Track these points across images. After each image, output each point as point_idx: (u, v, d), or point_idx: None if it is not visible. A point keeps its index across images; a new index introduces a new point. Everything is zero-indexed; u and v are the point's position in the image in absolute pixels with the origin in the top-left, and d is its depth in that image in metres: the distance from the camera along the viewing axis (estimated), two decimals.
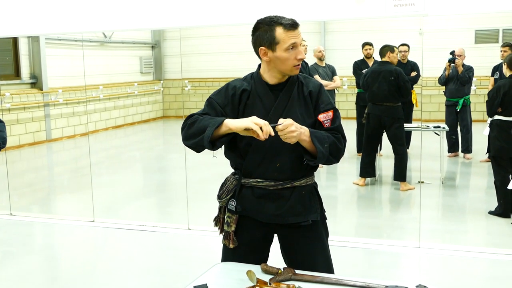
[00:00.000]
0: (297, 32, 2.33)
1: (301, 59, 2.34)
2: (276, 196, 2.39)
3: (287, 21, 2.32)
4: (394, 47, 6.96)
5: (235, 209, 2.44)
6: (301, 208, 2.41)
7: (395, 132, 6.77)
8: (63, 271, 4.57)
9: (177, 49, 14.38)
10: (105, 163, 9.27)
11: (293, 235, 2.44)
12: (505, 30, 12.37)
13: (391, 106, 6.74)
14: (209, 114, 2.43)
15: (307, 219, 2.42)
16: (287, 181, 2.38)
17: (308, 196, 2.44)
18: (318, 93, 2.43)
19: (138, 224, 5.46)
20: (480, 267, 4.35)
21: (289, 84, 2.41)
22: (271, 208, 2.39)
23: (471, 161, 8.30)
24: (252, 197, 2.41)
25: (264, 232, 2.46)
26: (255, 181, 2.40)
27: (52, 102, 11.36)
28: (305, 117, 2.38)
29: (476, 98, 11.00)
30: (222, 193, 2.50)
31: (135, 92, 14.04)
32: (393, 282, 2.04)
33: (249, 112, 2.37)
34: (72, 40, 11.63)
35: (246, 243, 2.46)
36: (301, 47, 2.37)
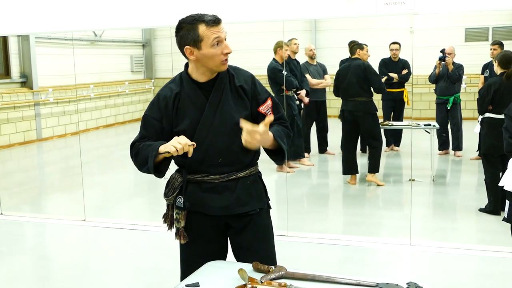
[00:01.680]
0: (220, 27, 2.33)
1: (227, 53, 2.35)
2: (222, 188, 2.43)
3: (209, 18, 2.33)
4: (363, 44, 7.01)
5: (183, 206, 2.46)
6: (247, 197, 2.45)
7: (368, 127, 6.80)
8: (54, 271, 4.55)
9: (168, 47, 14.33)
10: (96, 162, 9.24)
11: (242, 225, 2.48)
12: (495, 28, 12.42)
13: (363, 101, 6.76)
14: (147, 136, 2.45)
15: (255, 207, 2.48)
16: (232, 173, 2.43)
17: (254, 185, 2.49)
18: (252, 85, 2.46)
19: (130, 223, 5.45)
20: (470, 264, 4.37)
21: (219, 80, 2.42)
22: (218, 201, 2.43)
23: (461, 158, 8.34)
24: (198, 192, 2.44)
25: (214, 225, 2.48)
26: (200, 176, 2.43)
27: (43, 101, 11.31)
28: (241, 110, 2.41)
29: (466, 96, 11.04)
30: (168, 191, 2.51)
31: (126, 91, 14.00)
32: (384, 280, 2.05)
33: (182, 116, 2.40)
34: (62, 39, 11.58)
35: (199, 237, 2.49)
36: (226, 41, 2.36)
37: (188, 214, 2.48)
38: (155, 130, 2.44)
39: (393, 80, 8.60)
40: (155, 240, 5.11)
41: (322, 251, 4.64)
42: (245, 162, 2.45)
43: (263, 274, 2.14)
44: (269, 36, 9.62)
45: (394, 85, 8.65)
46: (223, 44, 2.34)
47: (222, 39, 2.33)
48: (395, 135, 8.80)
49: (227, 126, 2.38)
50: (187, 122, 2.39)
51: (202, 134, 2.37)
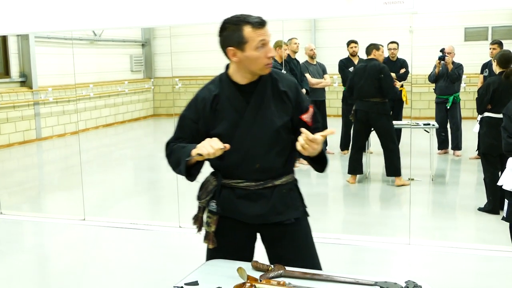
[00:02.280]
0: (266, 29, 2.28)
1: (271, 57, 2.29)
2: (257, 196, 2.36)
3: (254, 19, 2.27)
4: (379, 45, 6.99)
5: (216, 210, 2.40)
6: (283, 206, 2.38)
7: (383, 128, 6.81)
8: (53, 270, 4.55)
9: (168, 47, 14.32)
10: (95, 162, 9.24)
11: (277, 234, 2.41)
12: (494, 27, 12.43)
13: (378, 102, 6.76)
14: (182, 137, 2.41)
15: (290, 217, 2.40)
16: (268, 180, 2.36)
17: (289, 194, 2.42)
18: (296, 92, 2.40)
19: (129, 223, 5.45)
20: (469, 263, 4.38)
21: (262, 83, 2.36)
22: (253, 209, 2.36)
23: (460, 158, 8.35)
24: (233, 197, 2.38)
25: (246, 232, 2.44)
26: (235, 182, 2.37)
27: (42, 100, 11.31)
28: (282, 115, 2.34)
29: (465, 96, 11.05)
30: (201, 194, 2.46)
31: (126, 90, 14.00)
32: (383, 279, 2.06)
33: (220, 118, 2.34)
34: (61, 38, 11.57)
35: (228, 243, 2.42)
36: (270, 44, 2.31)
37: (220, 219, 2.41)
38: (190, 132, 2.40)
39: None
40: (154, 239, 5.11)
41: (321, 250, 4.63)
42: (282, 170, 2.38)
43: (262, 273, 2.14)
44: None
45: None
46: (267, 47, 2.27)
47: (267, 42, 2.27)
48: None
49: (267, 131, 2.31)
50: (225, 125, 2.33)
51: (241, 138, 2.31)
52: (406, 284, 2.01)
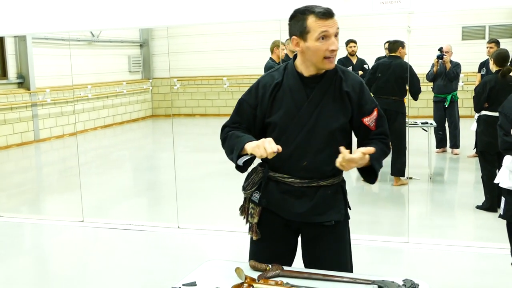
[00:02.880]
0: (331, 21, 2.19)
1: (333, 51, 2.20)
2: (300, 193, 2.32)
3: (319, 9, 2.19)
4: (404, 42, 6.95)
5: (258, 201, 2.39)
6: (325, 207, 2.33)
7: (398, 127, 6.74)
8: (52, 272, 4.55)
9: (166, 47, 14.34)
10: (94, 163, 9.24)
11: (316, 234, 2.38)
12: (492, 26, 12.44)
13: (396, 100, 6.74)
14: (239, 122, 2.40)
15: (330, 219, 2.35)
16: (313, 179, 2.31)
17: (334, 196, 2.36)
18: (360, 92, 2.31)
19: (128, 224, 5.45)
20: (467, 261, 4.39)
21: (326, 78, 2.29)
22: (294, 205, 2.33)
23: (459, 156, 8.36)
24: (276, 191, 2.35)
25: (287, 227, 2.40)
26: (281, 176, 2.34)
27: (40, 102, 11.30)
28: (340, 116, 2.28)
29: (463, 94, 11.06)
30: (247, 185, 2.43)
31: (124, 91, 13.99)
32: (381, 278, 2.06)
33: (278, 107, 2.30)
34: (59, 39, 11.56)
35: (270, 236, 2.41)
36: (335, 38, 2.21)
37: (263, 210, 2.39)
38: (247, 117, 2.37)
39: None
40: (153, 240, 5.11)
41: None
42: (331, 171, 2.30)
43: (260, 273, 2.15)
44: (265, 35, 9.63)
45: None
46: (330, 40, 2.19)
47: (330, 35, 2.19)
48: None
49: (321, 130, 2.25)
50: (281, 114, 2.30)
51: (294, 132, 2.27)
52: (404, 282, 2.01)
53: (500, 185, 3.29)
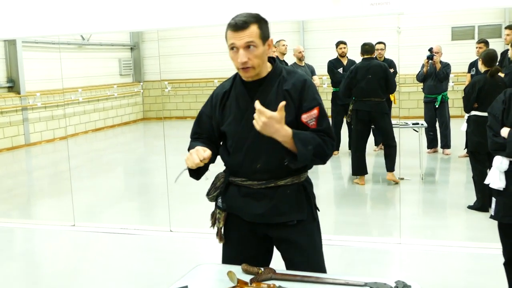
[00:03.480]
0: (240, 33, 2.21)
1: (243, 63, 2.21)
2: (260, 195, 2.34)
3: (232, 22, 2.25)
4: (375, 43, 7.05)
5: (222, 207, 2.44)
6: (286, 207, 2.34)
7: (385, 126, 6.83)
8: (44, 277, 4.53)
9: (156, 50, 14.33)
10: (85, 167, 9.20)
11: (282, 235, 2.39)
12: (481, 26, 12.52)
13: (379, 101, 6.79)
14: (199, 133, 2.47)
15: (292, 218, 2.35)
16: (271, 180, 2.32)
17: (295, 195, 2.36)
18: (301, 90, 2.29)
19: (120, 228, 5.43)
20: (459, 262, 4.40)
21: (267, 82, 2.32)
22: (255, 208, 2.35)
23: (450, 156, 8.39)
24: (237, 195, 2.39)
25: (252, 230, 2.41)
26: (240, 180, 2.37)
27: (30, 106, 11.25)
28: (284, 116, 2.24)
29: (453, 94, 11.12)
30: (210, 189, 2.48)
31: (115, 94, 13.96)
32: (374, 279, 2.06)
33: (227, 115, 2.36)
34: (49, 43, 11.52)
35: (235, 240, 2.44)
36: (244, 50, 2.21)
37: (229, 216, 2.44)
38: (207, 127, 2.44)
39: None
40: (145, 244, 5.10)
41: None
42: (286, 171, 2.29)
43: (252, 276, 2.14)
44: None
45: None
46: (238, 53, 2.22)
47: (238, 47, 2.22)
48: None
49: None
50: (230, 121, 2.35)
51: (243, 136, 2.30)
52: (396, 284, 2.01)
53: (491, 186, 3.31)
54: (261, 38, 2.25)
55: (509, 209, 3.19)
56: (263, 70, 2.32)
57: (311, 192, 2.45)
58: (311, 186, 2.47)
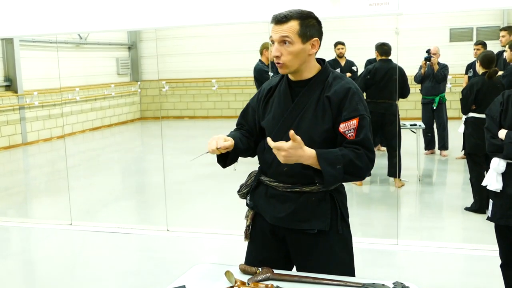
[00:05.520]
0: (277, 27, 2.18)
1: (276, 57, 2.19)
2: (284, 198, 2.28)
3: (275, 14, 2.22)
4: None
5: (249, 205, 2.43)
6: (307, 214, 2.26)
7: (393, 129, 6.81)
8: (40, 276, 4.52)
9: (154, 49, 14.31)
10: (82, 166, 9.18)
11: (301, 242, 2.32)
12: (479, 28, 12.53)
13: (392, 104, 6.80)
14: (241, 123, 2.47)
15: (312, 227, 2.26)
16: (296, 185, 2.26)
17: (320, 203, 2.27)
18: (343, 98, 2.19)
19: (116, 227, 5.42)
20: (457, 263, 4.41)
21: (311, 84, 2.25)
22: (277, 210, 2.30)
23: (447, 158, 8.40)
24: (264, 195, 2.35)
25: (274, 234, 2.37)
26: (268, 180, 2.33)
27: (28, 104, 11.22)
28: (321, 122, 2.20)
29: (451, 96, 11.12)
30: (242, 186, 2.47)
31: (112, 94, 13.94)
32: (371, 280, 2.06)
33: (269, 110, 2.34)
34: (47, 42, 11.49)
35: (260, 241, 2.41)
36: (279, 44, 2.18)
37: (256, 215, 2.42)
38: (250, 119, 2.43)
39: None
40: (142, 243, 5.09)
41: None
42: (312, 178, 2.17)
43: (250, 276, 2.14)
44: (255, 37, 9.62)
45: None
46: (273, 46, 2.19)
47: (273, 40, 2.19)
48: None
49: (303, 135, 2.09)
50: (269, 118, 2.32)
51: (278, 136, 2.18)
52: (394, 285, 2.01)
53: (488, 188, 3.31)
54: (299, 35, 2.18)
55: (506, 211, 3.20)
56: (305, 70, 2.26)
57: (341, 203, 2.35)
58: (342, 196, 2.38)
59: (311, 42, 2.22)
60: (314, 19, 2.26)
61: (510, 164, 3.22)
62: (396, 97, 6.84)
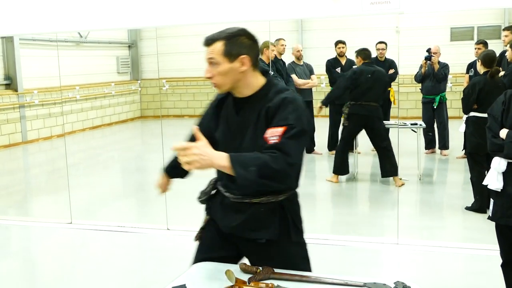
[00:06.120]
0: (206, 49, 2.24)
1: (208, 78, 2.25)
2: (236, 208, 2.34)
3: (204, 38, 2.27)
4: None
5: (206, 211, 2.51)
6: (256, 224, 2.30)
7: (380, 130, 6.88)
8: (41, 274, 4.51)
9: (154, 48, 14.29)
10: (82, 164, 9.17)
11: (253, 251, 2.38)
12: (480, 27, 12.51)
13: (377, 106, 6.87)
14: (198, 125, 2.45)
15: (261, 236, 2.30)
16: (246, 196, 2.29)
17: (268, 214, 2.29)
18: (278, 107, 2.16)
19: (116, 225, 5.41)
20: (457, 262, 4.40)
21: (252, 101, 2.27)
22: (230, 219, 2.36)
23: (447, 157, 8.39)
24: (219, 203, 2.41)
25: (226, 240, 2.42)
26: (222, 190, 2.40)
27: (28, 103, 11.21)
28: (260, 139, 2.16)
29: (452, 95, 11.11)
30: (200, 193, 2.53)
31: (112, 92, 13.93)
32: (372, 279, 2.05)
33: (219, 123, 2.38)
34: (47, 40, 11.48)
35: (208, 239, 2.48)
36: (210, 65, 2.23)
37: (210, 220, 2.49)
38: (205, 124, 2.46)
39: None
40: (142, 242, 5.09)
41: (309, 251, 4.64)
42: (264, 190, 2.23)
43: (250, 275, 2.13)
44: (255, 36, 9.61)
45: None
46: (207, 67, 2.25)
47: (207, 61, 2.25)
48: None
49: (247, 148, 2.17)
50: (219, 130, 2.37)
51: (226, 149, 2.15)
52: (395, 285, 2.00)
53: (489, 187, 3.30)
54: (224, 55, 2.20)
55: (507, 210, 3.19)
56: (244, 87, 2.27)
57: (292, 211, 2.35)
58: (293, 205, 2.38)
59: (240, 60, 2.22)
60: (244, 36, 2.26)
61: (511, 163, 3.21)
62: (381, 100, 6.89)
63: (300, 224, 2.41)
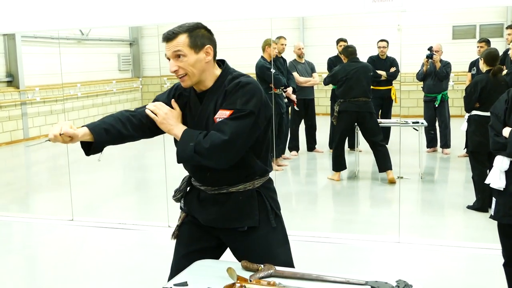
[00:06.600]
0: (169, 44, 2.25)
1: (174, 71, 2.28)
2: (214, 200, 2.37)
3: (164, 33, 2.27)
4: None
5: (182, 208, 2.53)
6: (236, 213, 2.34)
7: (371, 126, 6.92)
8: (42, 271, 4.51)
9: (155, 46, 14.27)
10: (83, 161, 9.14)
11: (235, 240, 2.41)
12: (482, 25, 12.49)
13: (367, 101, 6.88)
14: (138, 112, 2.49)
15: (243, 225, 2.34)
16: (223, 186, 2.34)
17: (248, 201, 2.34)
18: (231, 91, 2.25)
19: (118, 223, 5.42)
20: (459, 261, 4.39)
21: (210, 92, 2.33)
22: (207, 212, 2.38)
23: (449, 156, 8.38)
24: (196, 198, 2.43)
25: (207, 234, 2.45)
26: (198, 184, 2.43)
27: (29, 100, 11.22)
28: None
29: (454, 94, 11.10)
30: (176, 191, 2.56)
31: (114, 90, 13.93)
32: (373, 278, 2.05)
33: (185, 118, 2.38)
34: (48, 38, 11.48)
35: (184, 235, 2.52)
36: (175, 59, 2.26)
37: (187, 216, 2.52)
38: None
39: (381, 78, 8.61)
40: (143, 239, 5.08)
41: (311, 249, 4.64)
42: (237, 178, 2.32)
43: (252, 273, 2.13)
44: (257, 34, 9.61)
45: (382, 83, 8.67)
46: (169, 63, 2.28)
47: (169, 57, 2.27)
48: (383, 133, 8.79)
49: None
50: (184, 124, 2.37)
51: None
52: (397, 283, 2.00)
53: (491, 186, 3.30)
54: (190, 47, 2.25)
55: (509, 209, 3.18)
56: (207, 79, 2.33)
57: (269, 198, 2.40)
58: (270, 192, 2.43)
59: (205, 50, 2.28)
60: (203, 28, 2.32)
61: None
62: (370, 95, 6.92)
63: (279, 210, 2.46)
